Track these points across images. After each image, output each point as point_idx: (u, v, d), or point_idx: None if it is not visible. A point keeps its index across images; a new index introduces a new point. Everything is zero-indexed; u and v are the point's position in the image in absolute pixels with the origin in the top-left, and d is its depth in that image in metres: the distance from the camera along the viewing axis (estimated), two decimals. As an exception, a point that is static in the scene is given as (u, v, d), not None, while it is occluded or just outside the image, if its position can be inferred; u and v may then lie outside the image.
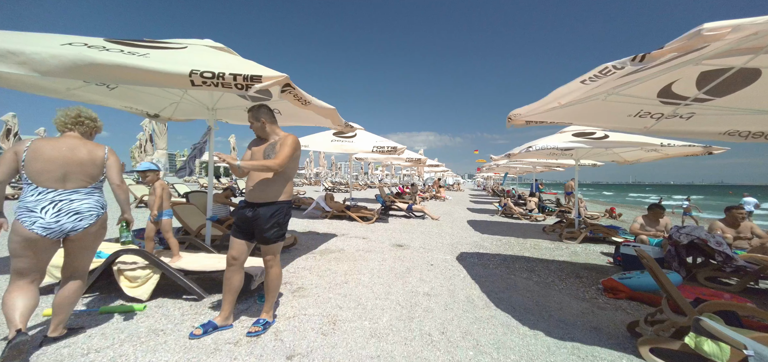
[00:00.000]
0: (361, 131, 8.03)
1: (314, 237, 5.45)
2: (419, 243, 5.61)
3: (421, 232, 6.86)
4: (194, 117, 4.53)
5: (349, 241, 5.36)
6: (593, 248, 5.88)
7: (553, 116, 3.94)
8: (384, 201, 9.70)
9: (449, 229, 7.56)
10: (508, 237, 6.77)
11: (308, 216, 7.88)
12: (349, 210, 7.75)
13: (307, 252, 4.37)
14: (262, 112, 2.33)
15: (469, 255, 4.97)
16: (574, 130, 6.61)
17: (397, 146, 7.38)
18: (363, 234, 6.10)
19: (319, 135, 7.43)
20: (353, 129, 4.59)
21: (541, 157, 8.50)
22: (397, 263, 4.18)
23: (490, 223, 8.96)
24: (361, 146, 7.28)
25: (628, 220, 10.98)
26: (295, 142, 2.28)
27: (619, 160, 7.69)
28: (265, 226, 2.17)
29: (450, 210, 11.91)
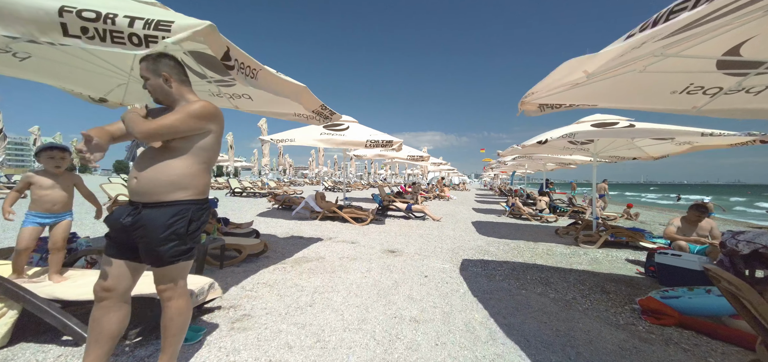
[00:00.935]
0: (354, 124, 7.37)
1: (294, 243, 4.80)
2: (415, 249, 4.92)
3: (420, 235, 6.16)
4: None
5: (334, 247, 4.69)
6: (615, 254, 5.11)
7: (575, 97, 3.21)
8: (381, 201, 9.03)
9: (451, 232, 6.84)
10: (517, 242, 6.03)
11: (297, 218, 7.25)
12: (341, 211, 7.09)
13: (277, 261, 3.70)
14: (164, 64, 1.58)
15: (471, 264, 4.27)
16: (593, 120, 5.84)
17: (393, 139, 6.70)
18: (353, 238, 5.43)
19: (307, 128, 6.79)
20: (339, 118, 3.94)
21: (553, 151, 7.72)
22: (385, 275, 3.49)
23: (497, 225, 8.21)
24: (353, 139, 6.63)
25: (648, 222, 10.10)
26: (201, 108, 1.55)
27: (642, 155, 6.87)
28: (156, 239, 1.43)
29: (453, 211, 11.17)
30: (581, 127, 5.76)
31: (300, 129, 6.76)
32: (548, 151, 7.88)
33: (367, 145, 6.64)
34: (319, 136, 6.52)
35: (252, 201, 10.38)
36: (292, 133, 6.45)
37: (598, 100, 3.30)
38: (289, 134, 6.41)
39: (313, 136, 6.52)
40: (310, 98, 3.18)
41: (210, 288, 2.03)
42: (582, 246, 5.73)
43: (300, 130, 6.74)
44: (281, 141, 6.18)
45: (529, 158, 10.77)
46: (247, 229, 4.19)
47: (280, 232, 5.57)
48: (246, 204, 9.60)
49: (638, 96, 3.06)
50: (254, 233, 4.19)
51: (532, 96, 3.11)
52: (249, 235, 4.06)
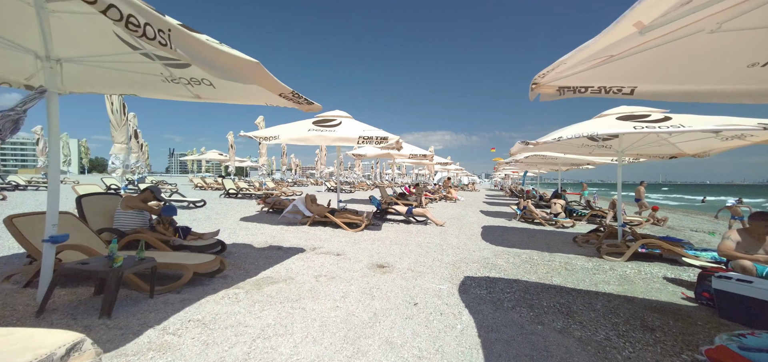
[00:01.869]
0: (347, 119, 6.71)
1: (267, 256, 4.15)
2: (409, 262, 4.22)
3: (418, 244, 5.46)
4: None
5: (314, 261, 4.03)
6: (649, 270, 4.28)
7: (608, 76, 2.47)
8: (379, 204, 8.35)
9: (455, 239, 6.11)
10: (530, 252, 5.25)
11: (284, 222, 6.65)
12: (333, 215, 6.45)
13: (235, 282, 3.04)
14: None
15: (475, 283, 3.54)
16: (619, 112, 5.01)
17: (388, 136, 6.01)
18: (340, 249, 4.77)
19: (294, 124, 6.18)
20: (318, 108, 3.28)
21: (570, 150, 6.89)
22: (364, 303, 2.80)
23: (507, 231, 7.42)
24: (345, 135, 5.97)
25: (677, 227, 9.09)
26: None
27: (677, 152, 5.98)
28: None
29: (460, 214, 10.40)
30: (604, 121, 4.94)
31: (286, 125, 6.15)
32: (564, 149, 7.06)
33: (360, 142, 5.97)
34: (308, 133, 5.89)
35: (244, 204, 9.86)
36: (276, 129, 5.85)
37: (639, 79, 2.53)
38: (274, 130, 5.81)
39: (301, 132, 5.89)
40: (267, 78, 2.52)
41: (71, 353, 1.33)
42: (606, 258, 4.91)
43: (286, 126, 6.12)
44: (265, 138, 5.59)
45: (542, 158, 9.89)
46: (210, 240, 3.59)
47: (257, 241, 4.95)
48: (235, 207, 9.08)
49: (697, 72, 2.29)
50: (217, 246, 3.59)
51: (552, 74, 2.39)
52: (208, 249, 3.46)
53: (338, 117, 6.75)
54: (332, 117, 6.74)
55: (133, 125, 11.80)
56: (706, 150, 5.54)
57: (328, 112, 6.94)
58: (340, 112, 6.97)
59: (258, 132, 5.64)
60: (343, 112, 6.98)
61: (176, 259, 2.66)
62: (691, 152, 5.83)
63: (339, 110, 7.02)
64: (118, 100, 6.32)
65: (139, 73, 3.02)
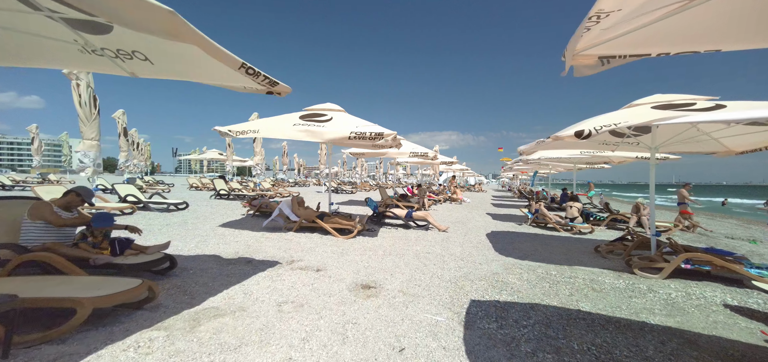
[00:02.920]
0: (340, 114, 6.02)
1: (231, 272, 3.45)
2: (401, 281, 3.50)
3: (416, 254, 4.73)
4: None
5: (285, 280, 3.33)
6: (698, 292, 3.48)
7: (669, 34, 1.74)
8: (376, 207, 7.64)
9: (458, 248, 5.36)
10: (547, 266, 4.48)
11: (269, 228, 5.98)
12: (322, 220, 5.76)
13: (167, 315, 2.31)
14: None
15: (482, 311, 2.81)
16: (654, 101, 4.21)
17: (383, 131, 5.29)
18: (322, 262, 4.07)
19: (278, 118, 5.50)
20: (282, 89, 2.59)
21: (589, 146, 6.07)
22: (330, 350, 2.09)
23: (518, 237, 6.63)
24: (335, 131, 5.27)
25: (708, 233, 8.14)
26: None
27: (719, 149, 5.12)
28: None
29: (465, 217, 9.62)
30: (636, 111, 4.14)
31: (268, 119, 5.48)
32: (583, 146, 6.24)
33: (352, 138, 5.27)
34: (293, 128, 5.21)
35: (232, 207, 9.18)
36: (257, 123, 5.18)
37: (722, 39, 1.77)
38: (253, 125, 5.14)
39: (285, 127, 5.21)
40: (194, 35, 1.82)
41: None
42: (639, 274, 4.12)
43: (268, 120, 5.45)
44: (241, 132, 4.94)
45: (555, 158, 9.04)
46: (153, 255, 2.91)
47: (227, 252, 4.27)
48: (221, 210, 8.44)
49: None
50: (162, 262, 2.92)
51: (589, 42, 1.66)
52: (151, 266, 2.79)
53: (329, 111, 6.07)
54: (322, 111, 6.06)
55: (123, 123, 11.34)
56: (756, 146, 4.69)
57: (318, 105, 6.26)
58: (331, 105, 6.28)
59: (234, 126, 5.00)
60: (335, 106, 6.29)
61: (71, 291, 1.96)
62: (738, 148, 4.97)
63: (331, 103, 6.34)
64: (87, 92, 5.74)
65: (46, 39, 2.36)
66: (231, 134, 4.86)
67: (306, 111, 6.04)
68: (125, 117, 11.28)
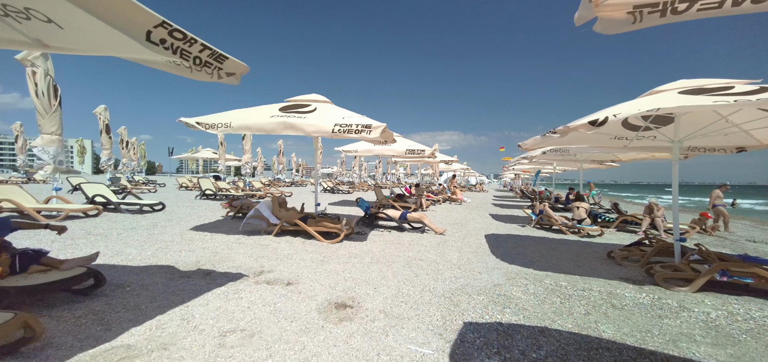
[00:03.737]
0: (325, 104, 5.47)
1: (178, 290, 2.88)
2: (386, 297, 2.94)
3: (407, 261, 4.18)
4: None
5: (243, 299, 2.78)
6: (742, 310, 2.91)
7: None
8: (368, 207, 7.09)
9: (456, 253, 4.81)
10: (556, 275, 3.91)
11: (246, 231, 5.43)
12: (306, 223, 5.21)
13: (71, 354, 1.82)
14: None
15: (480, 339, 2.25)
16: (681, 86, 3.65)
17: (372, 124, 4.73)
18: (296, 273, 3.51)
19: (254, 110, 4.95)
20: (238, 67, 2.06)
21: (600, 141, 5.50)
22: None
23: (521, 241, 6.06)
24: (318, 124, 4.72)
25: (736, 238, 7.55)
26: None
27: (749, 142, 4.54)
28: None
29: (465, 218, 9.05)
30: (662, 98, 3.58)
31: (242, 111, 4.92)
32: (594, 141, 5.67)
33: (336, 132, 4.71)
34: (270, 120, 4.66)
35: (213, 208, 8.51)
36: (229, 115, 4.63)
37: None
38: (223, 116, 4.59)
39: (261, 119, 4.66)
40: None
41: None
42: (663, 286, 3.55)
43: (242, 112, 4.90)
44: (210, 125, 4.39)
45: (561, 153, 8.47)
46: (71, 271, 2.33)
47: (186, 262, 3.71)
48: (201, 212, 7.85)
49: None
50: (84, 279, 2.36)
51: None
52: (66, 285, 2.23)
53: (313, 102, 5.52)
54: (305, 102, 5.51)
55: (104, 119, 10.81)
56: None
57: (302, 96, 5.71)
58: (316, 96, 5.73)
59: (203, 118, 4.45)
60: (320, 97, 5.74)
61: None
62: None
63: (316, 94, 5.79)
64: (46, 81, 5.19)
65: None
66: (199, 126, 4.33)
67: (288, 101, 5.49)
68: (107, 113, 10.73)
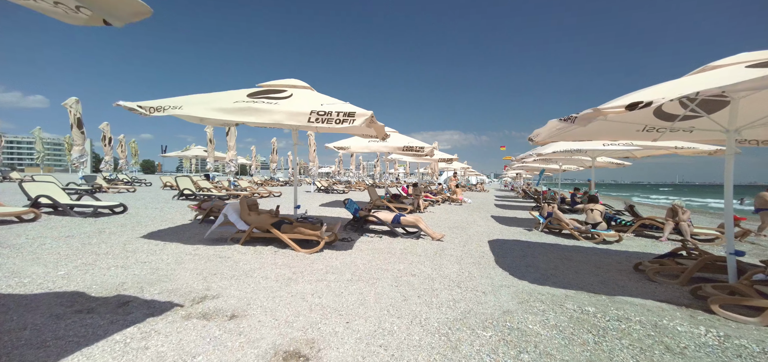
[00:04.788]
0: (303, 90, 4.69)
1: (68, 332, 2.11)
2: (356, 339, 2.16)
3: (394, 278, 3.39)
4: None
5: (154, 344, 1.99)
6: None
7: None
8: (357, 210, 6.31)
9: (455, 266, 4.03)
10: (578, 295, 3.13)
11: (211, 240, 4.64)
12: (279, 229, 4.42)
13: None
14: None
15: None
16: (751, 59, 2.85)
17: (355, 111, 3.93)
18: (246, 300, 2.72)
19: (213, 95, 4.15)
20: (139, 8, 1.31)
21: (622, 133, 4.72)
22: None
23: (530, 248, 5.27)
24: (290, 110, 3.92)
25: (753, 240, 6.74)
26: None
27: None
28: None
29: (465, 221, 8.26)
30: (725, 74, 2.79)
31: (198, 96, 4.12)
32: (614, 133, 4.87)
33: (313, 121, 3.92)
34: (233, 106, 3.86)
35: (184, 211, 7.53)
36: (181, 100, 3.81)
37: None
38: (175, 101, 3.76)
39: (221, 105, 3.87)
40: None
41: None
42: (721, 313, 2.76)
43: (197, 97, 4.09)
44: (153, 109, 3.58)
45: (570, 151, 7.65)
46: None
47: (108, 284, 2.89)
48: (168, 214, 6.90)
49: None
50: None
51: None
52: None
53: (289, 87, 4.73)
54: (280, 87, 4.72)
55: (75, 113, 10.01)
56: None
57: (278, 80, 4.93)
58: (294, 81, 4.94)
59: (146, 102, 3.64)
60: (299, 82, 4.96)
61: None
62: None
63: (295, 79, 5.01)
64: None
65: None
66: (140, 110, 3.53)
67: (260, 87, 4.71)
68: (79, 105, 9.94)
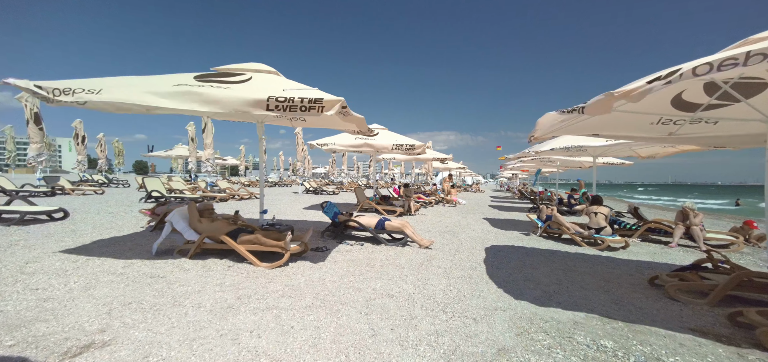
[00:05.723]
0: (266, 75, 4.03)
1: None
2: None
3: (365, 304, 2.75)
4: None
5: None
6: None
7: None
8: (336, 214, 5.65)
9: (442, 282, 3.40)
10: (589, 320, 2.51)
11: (165, 251, 3.95)
12: (236, 239, 3.74)
13: None
14: None
15: None
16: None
17: (323, 98, 3.27)
18: (152, 343, 2.07)
19: (144, 79, 3.45)
20: None
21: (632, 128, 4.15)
22: None
23: (528, 256, 4.67)
24: (243, 96, 3.25)
25: None
26: None
27: None
28: None
29: (458, 224, 7.65)
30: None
31: (130, 79, 3.43)
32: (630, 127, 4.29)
33: (272, 109, 3.25)
34: (173, 89, 3.18)
35: (136, 217, 6.64)
36: (100, 82, 3.09)
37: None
38: (91, 83, 2.98)
39: (154, 89, 3.18)
40: None
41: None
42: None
43: (129, 79, 3.40)
44: (63, 93, 2.85)
45: (571, 150, 7.07)
46: None
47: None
48: (116, 221, 6.00)
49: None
50: None
51: None
52: None
53: (250, 71, 4.06)
54: (239, 70, 4.05)
55: (32, 107, 9.23)
56: None
57: (239, 63, 4.25)
58: (258, 65, 4.28)
59: (49, 82, 2.90)
60: (264, 66, 4.30)
61: None
62: None
63: (261, 63, 4.34)
64: None
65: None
66: (41, 92, 2.83)
67: (214, 70, 4.03)
68: (36, 100, 9.14)
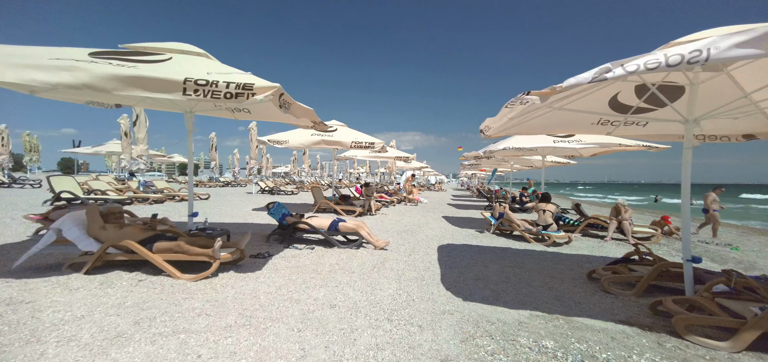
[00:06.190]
0: (192, 56, 3.50)
1: None
2: None
3: (303, 314, 2.44)
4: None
5: None
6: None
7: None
8: (284, 216, 5.22)
9: (392, 286, 3.19)
10: (532, 317, 2.46)
11: (45, 268, 3.22)
12: (152, 247, 3.17)
13: None
14: None
15: None
16: (731, 31, 2.41)
17: (254, 83, 2.86)
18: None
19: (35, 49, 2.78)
20: None
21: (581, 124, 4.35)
22: None
23: (480, 254, 4.70)
24: (157, 77, 2.73)
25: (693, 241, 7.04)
26: None
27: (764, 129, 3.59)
28: None
29: (417, 223, 7.59)
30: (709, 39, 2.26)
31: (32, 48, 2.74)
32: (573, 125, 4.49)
33: (189, 94, 2.78)
34: (53, 63, 2.56)
35: (24, 224, 5.45)
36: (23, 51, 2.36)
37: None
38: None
39: (33, 61, 2.54)
40: None
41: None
42: (690, 340, 2.28)
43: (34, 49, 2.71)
44: None
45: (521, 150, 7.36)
46: None
47: None
48: (9, 228, 5.20)
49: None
50: None
51: None
52: None
53: (171, 51, 3.50)
54: (156, 49, 3.47)
55: None
56: None
57: (159, 42, 3.65)
58: (183, 45, 3.73)
59: None
60: (193, 48, 3.75)
61: None
62: None
63: (190, 45, 3.78)
64: None
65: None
66: None
67: (122, 48, 3.41)
68: None
